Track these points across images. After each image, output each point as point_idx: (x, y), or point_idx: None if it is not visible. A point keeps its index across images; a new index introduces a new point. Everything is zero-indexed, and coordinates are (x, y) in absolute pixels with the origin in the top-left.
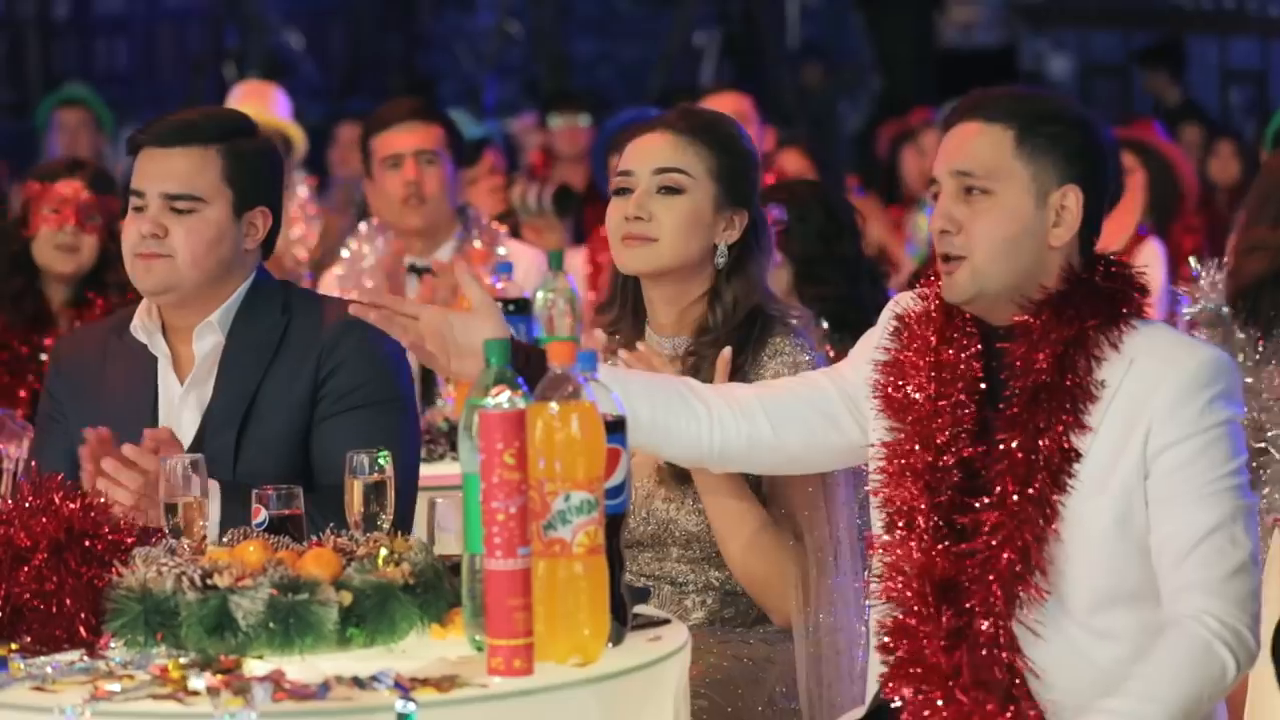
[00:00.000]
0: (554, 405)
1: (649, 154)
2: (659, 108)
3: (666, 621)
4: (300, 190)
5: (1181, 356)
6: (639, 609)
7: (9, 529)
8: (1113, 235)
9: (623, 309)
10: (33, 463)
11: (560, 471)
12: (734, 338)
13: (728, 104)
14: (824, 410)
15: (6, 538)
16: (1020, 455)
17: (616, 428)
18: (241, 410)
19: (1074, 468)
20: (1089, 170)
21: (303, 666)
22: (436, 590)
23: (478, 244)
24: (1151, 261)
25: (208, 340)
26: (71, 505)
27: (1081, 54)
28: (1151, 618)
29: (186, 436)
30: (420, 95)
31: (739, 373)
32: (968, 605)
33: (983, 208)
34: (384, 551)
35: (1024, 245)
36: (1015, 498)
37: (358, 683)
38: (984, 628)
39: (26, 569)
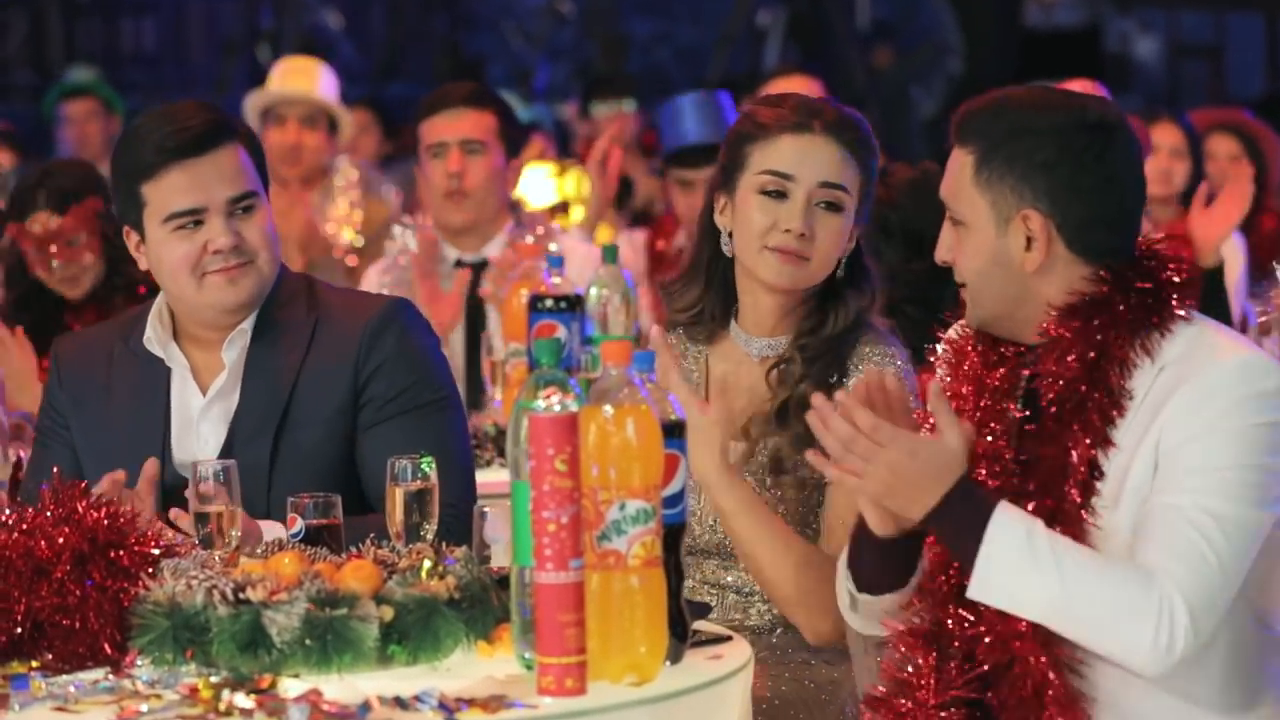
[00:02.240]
0: (608, 408)
1: (815, 163)
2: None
3: (728, 638)
4: (350, 172)
5: (1208, 360)
6: (699, 625)
7: (30, 540)
8: (1214, 233)
9: (707, 296)
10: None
11: (615, 479)
12: (833, 350)
13: (796, 88)
14: None
15: (27, 549)
16: (1043, 484)
17: (674, 432)
18: (275, 418)
19: (1097, 486)
20: (1059, 183)
21: (341, 686)
22: (483, 605)
23: (529, 239)
24: (1230, 254)
25: (238, 345)
26: (95, 515)
27: (1170, 35)
28: None
29: (209, 451)
30: (466, 78)
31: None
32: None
33: (961, 237)
34: (427, 564)
35: (996, 276)
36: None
37: (399, 703)
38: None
39: (48, 582)
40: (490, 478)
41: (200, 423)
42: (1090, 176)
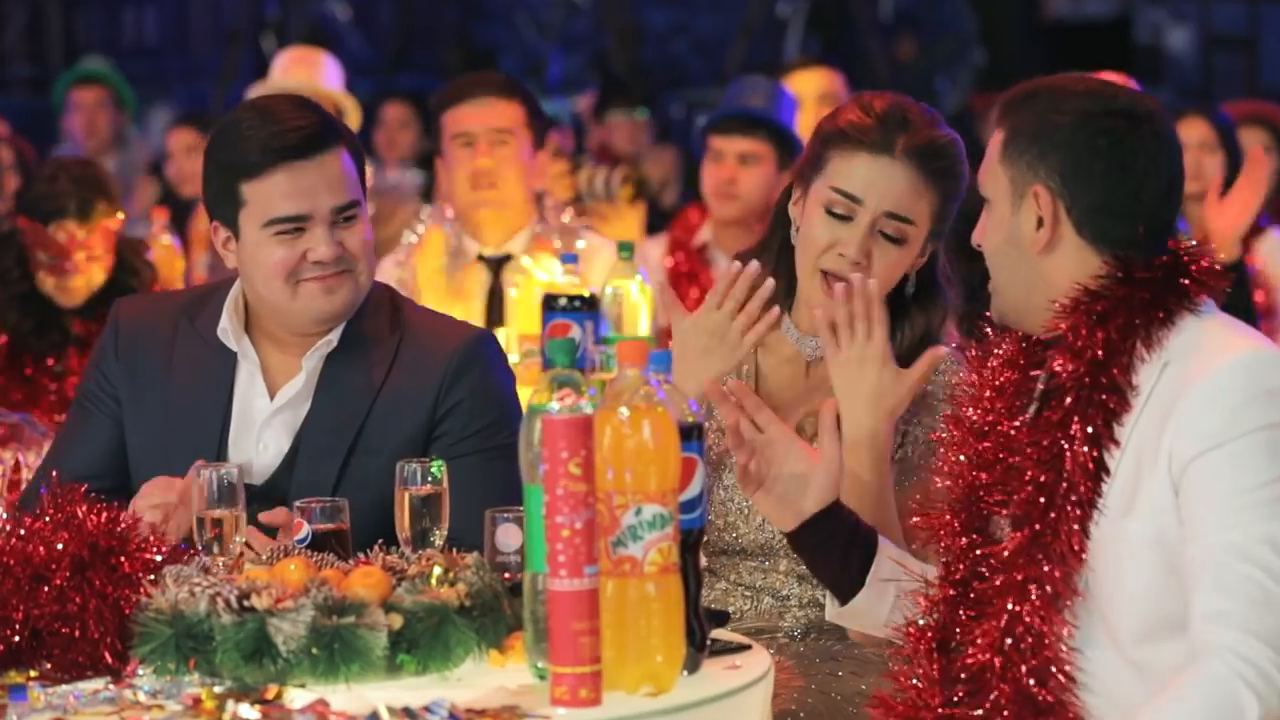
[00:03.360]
0: (624, 410)
1: (885, 191)
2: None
3: (747, 647)
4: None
5: (1214, 356)
6: (717, 633)
7: (28, 545)
8: (1231, 223)
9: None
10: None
11: (630, 483)
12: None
13: (816, 80)
14: None
15: (25, 554)
16: (1044, 480)
17: (691, 434)
18: (350, 438)
19: (1102, 488)
20: (1071, 163)
21: (349, 697)
22: (495, 613)
23: (556, 240)
24: (1276, 254)
25: (320, 355)
26: (96, 519)
27: (1203, 25)
28: None
29: (271, 459)
30: (477, 70)
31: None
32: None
33: (986, 216)
34: (437, 570)
35: (1009, 255)
36: (1035, 527)
37: (409, 714)
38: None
39: (47, 589)
40: None
41: (264, 429)
42: (1103, 161)
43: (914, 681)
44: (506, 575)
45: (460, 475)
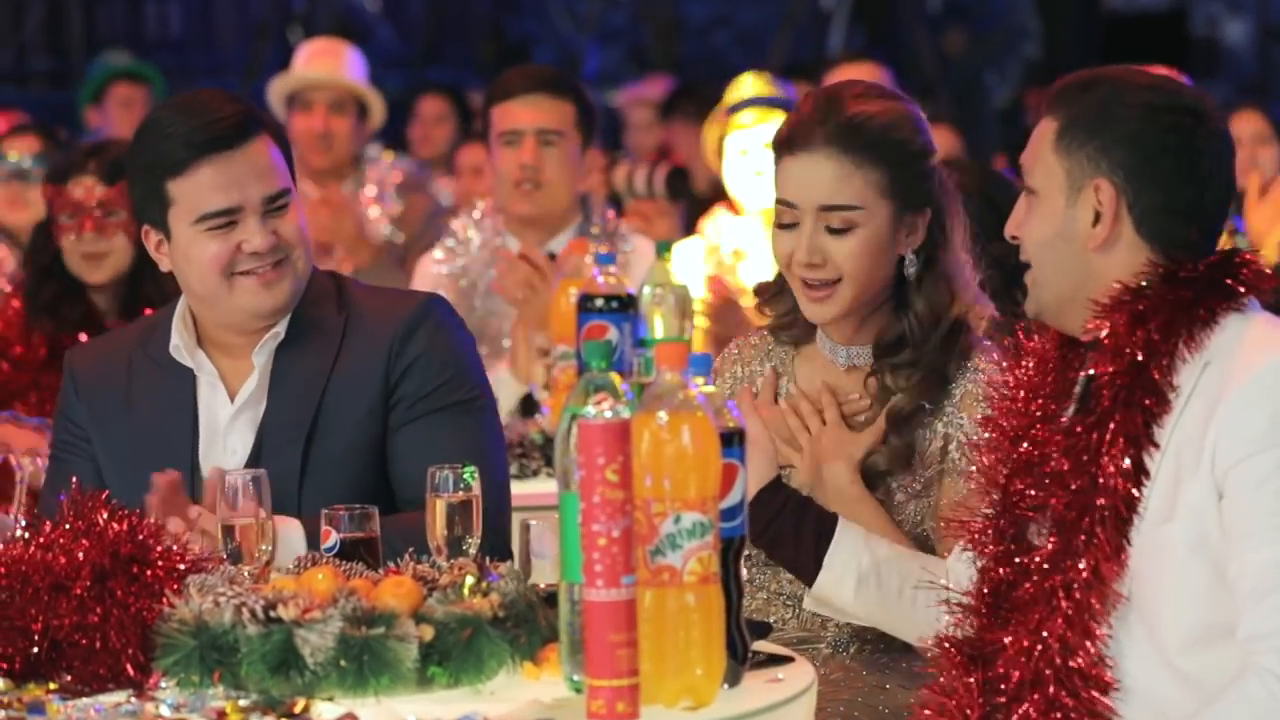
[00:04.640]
0: (662, 414)
1: (814, 187)
2: (783, 78)
3: (790, 660)
4: (387, 169)
5: (1257, 354)
6: (759, 645)
7: (47, 554)
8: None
9: (795, 304)
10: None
11: (669, 490)
12: (935, 359)
13: (861, 75)
14: None
15: (45, 564)
16: (1081, 484)
17: (732, 440)
18: (306, 424)
19: (1142, 492)
20: (1137, 159)
21: (378, 710)
22: (529, 624)
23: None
24: None
25: (269, 349)
26: (117, 527)
27: (1260, 16)
28: None
29: (238, 462)
30: (511, 63)
31: (945, 402)
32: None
33: (1031, 207)
34: (470, 580)
35: (1059, 250)
36: (1072, 532)
37: None
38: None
39: (67, 599)
40: (538, 488)
41: (228, 433)
42: (1171, 158)
43: (951, 684)
44: (541, 585)
45: (423, 434)
